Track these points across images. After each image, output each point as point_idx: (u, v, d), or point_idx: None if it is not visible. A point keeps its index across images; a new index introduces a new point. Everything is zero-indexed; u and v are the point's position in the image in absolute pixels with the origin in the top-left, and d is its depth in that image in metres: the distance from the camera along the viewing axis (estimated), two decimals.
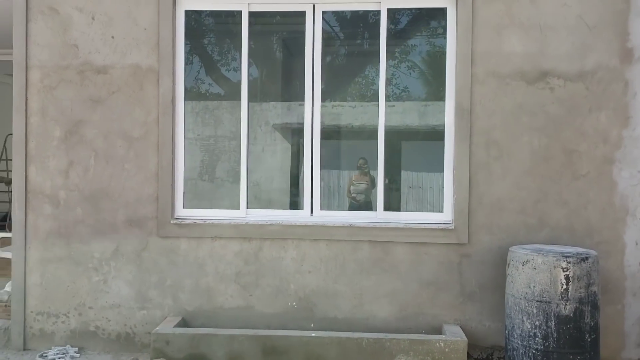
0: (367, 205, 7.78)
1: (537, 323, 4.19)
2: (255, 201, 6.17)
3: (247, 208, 5.01)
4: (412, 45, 5.78)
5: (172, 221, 4.91)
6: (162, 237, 4.94)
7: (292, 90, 7.01)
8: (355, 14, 5.31)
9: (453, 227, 4.78)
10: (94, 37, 4.96)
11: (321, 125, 5.04)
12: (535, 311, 4.20)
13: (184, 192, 5.05)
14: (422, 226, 4.81)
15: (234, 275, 4.92)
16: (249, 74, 5.00)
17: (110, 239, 4.97)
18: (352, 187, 7.94)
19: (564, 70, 4.71)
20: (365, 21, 5.54)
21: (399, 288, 4.85)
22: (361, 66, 6.56)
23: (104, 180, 4.96)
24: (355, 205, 7.94)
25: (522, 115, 4.75)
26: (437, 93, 4.95)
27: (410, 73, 6.20)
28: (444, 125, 4.92)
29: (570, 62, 4.71)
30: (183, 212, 5.01)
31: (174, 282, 4.95)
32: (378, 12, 4.98)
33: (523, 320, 4.26)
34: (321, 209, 5.00)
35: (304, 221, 4.89)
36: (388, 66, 5.11)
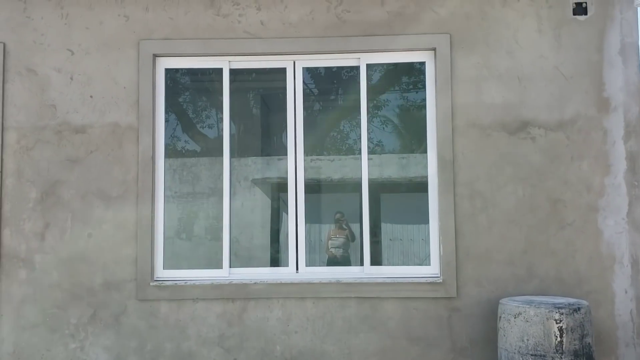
0: (345, 260, 7.65)
1: None
2: (235, 259, 6.02)
3: (230, 267, 4.87)
4: (391, 99, 5.83)
5: (151, 283, 4.75)
6: (141, 300, 4.76)
7: (271, 145, 6.98)
8: (334, 69, 5.35)
9: (441, 281, 4.68)
10: (73, 97, 4.90)
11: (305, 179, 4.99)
12: None
13: (164, 252, 4.90)
14: (410, 280, 4.71)
15: (217, 338, 4.73)
16: (230, 131, 4.96)
17: (88, 304, 4.77)
18: (330, 242, 7.84)
19: (545, 120, 4.76)
20: (344, 77, 5.58)
21: (388, 345, 4.70)
22: (339, 120, 6.59)
23: (81, 242, 4.80)
24: (333, 261, 7.81)
25: (505, 166, 4.75)
26: (416, 146, 4.97)
27: (389, 126, 6.23)
28: (423, 177, 4.90)
29: (550, 112, 4.76)
30: (163, 273, 4.85)
31: (154, 347, 4.74)
32: (357, 68, 5.01)
33: None
34: (306, 265, 4.88)
35: (290, 279, 4.76)
36: (368, 120, 5.11)
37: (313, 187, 8.44)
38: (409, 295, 4.71)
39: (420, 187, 4.92)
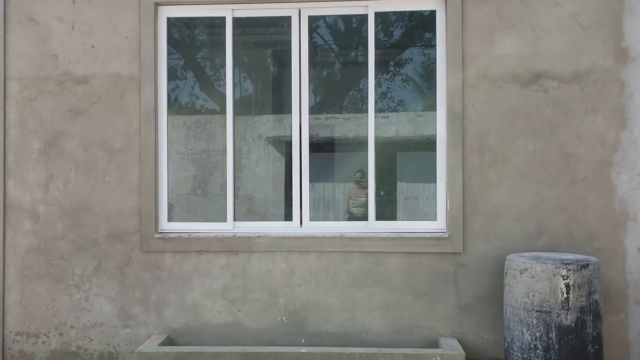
0: (366, 218, 7.60)
1: (537, 334, 4.00)
2: (248, 214, 6.01)
3: (234, 220, 4.83)
4: (401, 51, 5.66)
5: (155, 235, 4.74)
6: (145, 251, 4.76)
7: (284, 102, 6.88)
8: (343, 21, 5.20)
9: (447, 236, 4.61)
10: (74, 47, 4.82)
11: (315, 137, 4.91)
12: (535, 322, 4.01)
13: (169, 205, 4.88)
14: (415, 235, 4.64)
15: (221, 290, 4.74)
16: (243, 88, 4.89)
17: (92, 255, 4.79)
18: (350, 202, 7.80)
19: (558, 71, 4.58)
20: (353, 28, 5.42)
21: (392, 300, 4.67)
22: (354, 77, 6.44)
23: (85, 193, 4.79)
24: (355, 219, 7.80)
25: (516, 119, 4.61)
26: (429, 101, 4.83)
27: (401, 82, 6.09)
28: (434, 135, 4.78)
29: (564, 63, 4.58)
30: (167, 225, 4.84)
31: (158, 298, 4.76)
32: (365, 18, 4.85)
33: (523, 332, 4.07)
34: (311, 220, 4.83)
35: (294, 232, 4.72)
36: (377, 74, 4.97)
37: (326, 145, 8.41)
38: (413, 250, 4.64)
39: (433, 144, 4.80)
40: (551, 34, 4.59)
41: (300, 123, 4.86)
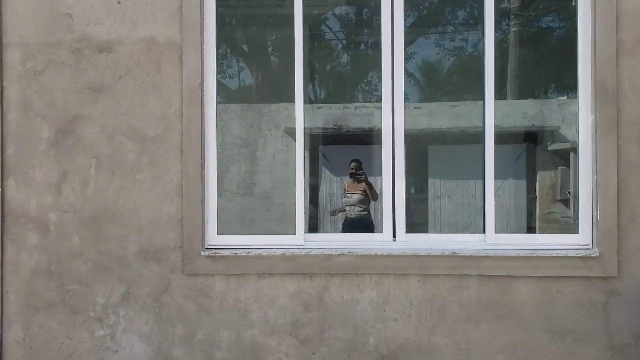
0: (364, 222, 6.50)
1: None
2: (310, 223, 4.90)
3: (305, 232, 3.71)
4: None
5: (202, 252, 3.63)
6: (189, 274, 3.66)
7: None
8: None
9: (597, 254, 3.48)
10: (94, 3, 3.71)
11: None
12: None
13: (218, 212, 3.77)
14: (554, 254, 3.51)
15: (290, 326, 3.63)
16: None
17: (119, 278, 3.69)
18: (343, 200, 6.62)
19: None
20: None
21: (521, 340, 3.55)
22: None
23: (110, 196, 3.69)
24: (349, 222, 6.76)
25: None
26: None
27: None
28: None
29: None
30: (217, 239, 3.73)
31: (206, 335, 3.66)
32: None
33: None
34: (407, 231, 3.71)
35: (387, 249, 3.60)
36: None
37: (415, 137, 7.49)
38: (550, 273, 3.52)
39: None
40: None
41: (392, 113, 3.73)
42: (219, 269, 3.65)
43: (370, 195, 6.48)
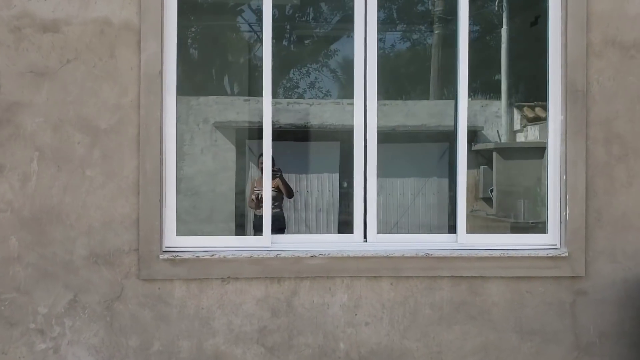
0: (276, 221, 6.02)
1: None
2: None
3: (272, 234, 3.50)
4: None
5: (161, 255, 3.34)
6: (145, 279, 3.36)
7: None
8: None
9: (567, 254, 3.51)
10: None
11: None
12: None
13: (177, 211, 3.49)
14: (526, 254, 3.51)
15: (256, 333, 3.42)
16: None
17: (65, 285, 3.32)
18: (253, 197, 6.42)
19: None
20: None
21: (493, 341, 3.53)
22: None
23: (54, 194, 3.31)
24: (260, 221, 6.33)
25: None
26: None
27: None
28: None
29: None
30: (176, 241, 3.45)
31: (164, 346, 3.37)
32: None
33: None
34: (378, 232, 3.59)
35: (360, 250, 3.46)
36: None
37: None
38: (521, 274, 3.52)
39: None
40: None
41: (365, 109, 3.60)
42: (179, 274, 3.37)
43: (285, 192, 6.27)
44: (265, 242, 3.48)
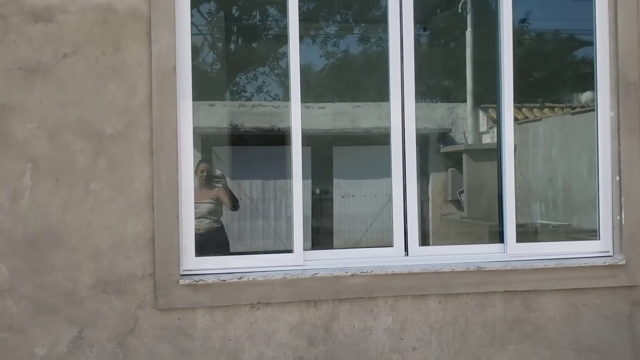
0: (215, 237, 5.54)
1: None
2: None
3: (304, 250, 3.09)
4: None
5: (180, 280, 2.88)
6: (163, 309, 2.89)
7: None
8: None
9: (624, 262, 3.24)
10: None
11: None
12: None
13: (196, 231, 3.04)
14: (581, 263, 3.21)
15: None
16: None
17: (68, 319, 2.82)
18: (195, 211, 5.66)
19: None
20: None
21: None
22: None
23: (52, 213, 2.81)
24: (199, 239, 5.63)
25: None
26: None
27: None
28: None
29: None
30: (196, 263, 2.99)
31: None
32: None
33: None
34: (420, 244, 3.23)
35: (404, 266, 3.09)
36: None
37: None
38: (577, 285, 3.23)
39: None
40: None
41: (402, 110, 3.24)
42: (202, 301, 2.92)
43: (228, 203, 5.62)
44: (298, 260, 3.07)
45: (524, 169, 7.65)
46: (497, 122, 3.42)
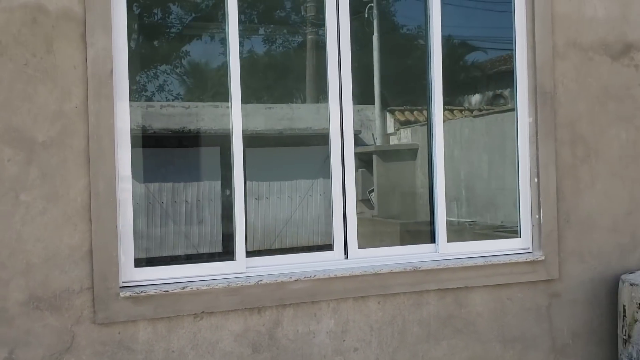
0: None
1: None
2: None
3: (246, 257, 3.07)
4: None
5: (121, 293, 2.76)
6: (102, 323, 2.76)
7: None
8: None
9: (543, 258, 3.48)
10: None
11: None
12: None
13: (135, 240, 2.92)
14: (506, 260, 3.42)
15: None
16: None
17: None
18: None
19: None
20: None
21: (479, 353, 3.40)
22: None
23: None
24: None
25: (608, 101, 3.67)
26: None
27: None
28: None
29: None
30: (136, 273, 2.88)
31: None
32: None
33: None
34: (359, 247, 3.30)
35: (345, 269, 3.14)
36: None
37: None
38: (503, 281, 3.43)
39: None
40: None
41: (341, 113, 3.29)
42: (144, 313, 2.81)
43: None
44: (240, 268, 3.04)
45: (426, 168, 8.00)
46: (427, 124, 3.56)
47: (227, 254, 3.44)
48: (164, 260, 6.25)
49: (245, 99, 3.13)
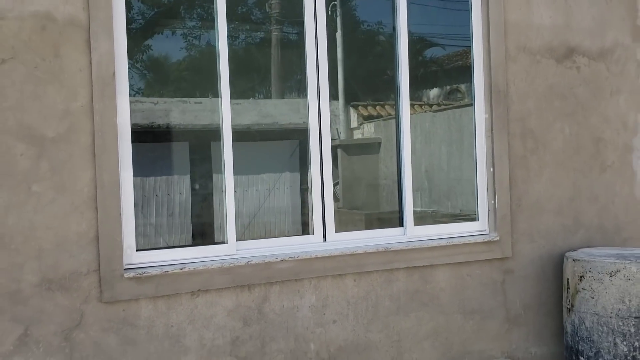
0: None
1: (637, 344, 3.54)
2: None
3: (236, 240, 3.36)
4: None
5: (126, 274, 3.03)
6: (108, 302, 3.02)
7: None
8: None
9: (498, 239, 3.87)
10: None
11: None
12: (633, 330, 3.54)
13: (136, 226, 3.18)
14: (467, 241, 3.80)
15: (229, 345, 3.26)
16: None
17: (13, 318, 2.86)
18: None
19: (588, 47, 4.19)
20: None
21: (442, 324, 3.77)
22: None
23: None
24: None
25: (554, 99, 4.09)
26: None
27: None
28: None
29: (592, 39, 4.20)
30: (138, 257, 3.15)
31: None
32: None
33: (616, 343, 3.57)
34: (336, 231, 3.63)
35: (325, 250, 3.47)
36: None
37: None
38: (463, 259, 3.81)
39: None
40: (581, 5, 4.16)
41: (319, 109, 3.61)
42: (145, 292, 3.08)
43: None
44: (231, 250, 3.33)
45: (388, 161, 8.37)
46: (395, 118, 3.89)
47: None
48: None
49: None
